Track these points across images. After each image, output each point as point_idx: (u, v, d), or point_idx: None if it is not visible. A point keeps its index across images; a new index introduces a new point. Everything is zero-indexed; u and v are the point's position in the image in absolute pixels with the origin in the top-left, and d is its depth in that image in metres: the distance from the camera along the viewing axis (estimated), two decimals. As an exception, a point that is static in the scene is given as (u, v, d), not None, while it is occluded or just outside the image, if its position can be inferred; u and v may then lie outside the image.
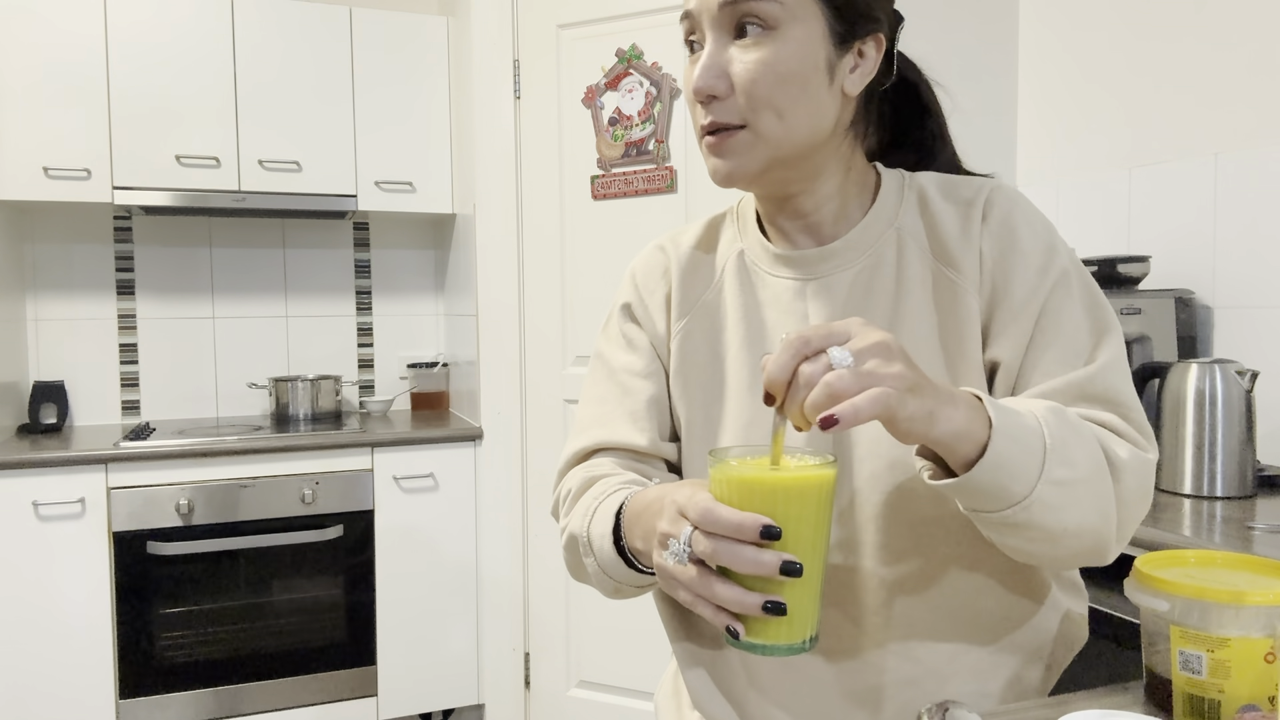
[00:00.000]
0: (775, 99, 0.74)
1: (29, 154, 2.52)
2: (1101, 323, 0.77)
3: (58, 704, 2.33)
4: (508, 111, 2.62)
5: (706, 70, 0.74)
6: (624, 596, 0.81)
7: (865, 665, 0.78)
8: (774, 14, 0.72)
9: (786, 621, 0.58)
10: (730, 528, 0.57)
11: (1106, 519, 0.70)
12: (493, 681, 2.71)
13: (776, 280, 0.82)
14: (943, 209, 0.81)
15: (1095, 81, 2.28)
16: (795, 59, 0.73)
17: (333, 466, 2.56)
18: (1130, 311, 1.91)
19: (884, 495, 0.76)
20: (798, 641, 0.59)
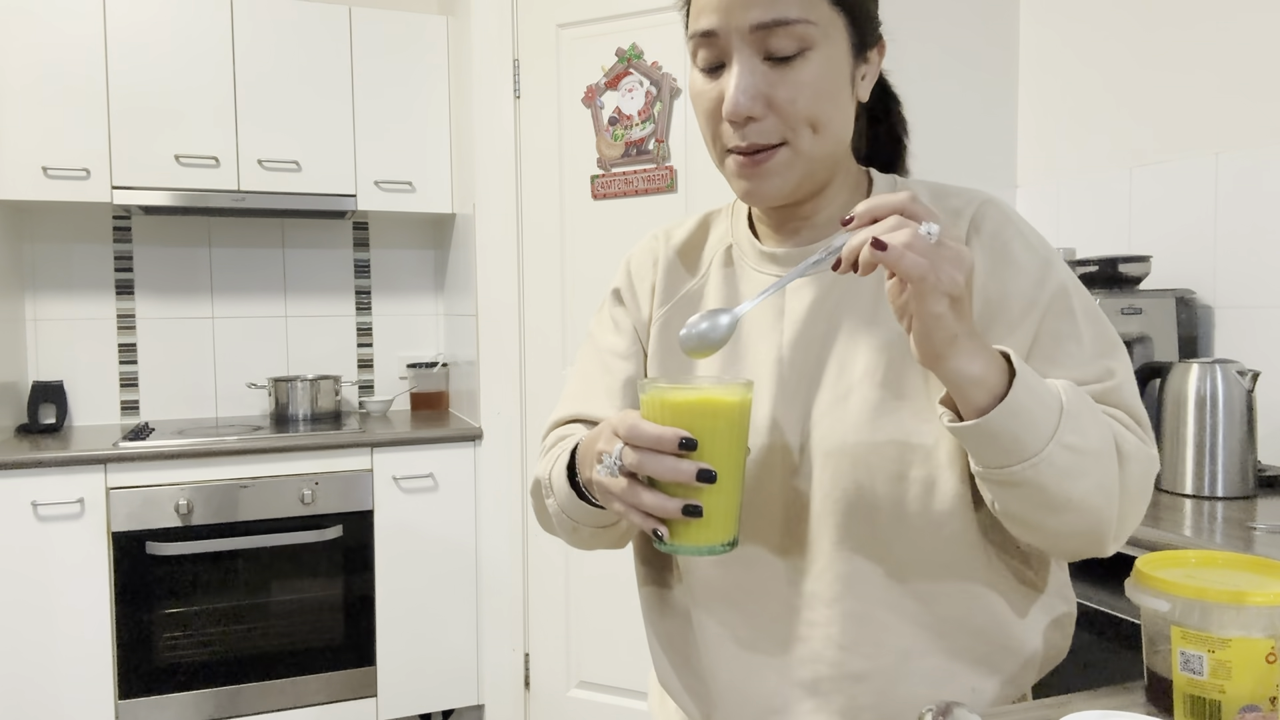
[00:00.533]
0: (815, 116, 0.74)
1: (28, 154, 2.52)
2: (1108, 340, 0.78)
3: (58, 704, 2.33)
4: (508, 111, 2.61)
5: (744, 93, 0.73)
6: (583, 542, 0.84)
7: (816, 656, 0.79)
8: (811, 35, 0.73)
9: (705, 524, 0.65)
10: (652, 440, 0.64)
11: (1110, 501, 0.70)
12: (493, 681, 2.71)
13: (760, 275, 0.84)
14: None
15: (1095, 81, 2.28)
16: (831, 76, 0.74)
17: (332, 466, 2.56)
18: (1131, 311, 1.91)
19: (841, 485, 0.77)
20: (716, 544, 0.66)
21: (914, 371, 0.76)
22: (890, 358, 0.77)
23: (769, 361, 0.81)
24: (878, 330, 0.78)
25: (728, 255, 0.87)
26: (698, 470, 0.63)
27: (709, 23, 0.74)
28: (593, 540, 0.84)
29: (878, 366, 0.77)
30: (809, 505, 0.78)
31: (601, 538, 0.83)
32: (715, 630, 0.83)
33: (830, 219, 0.84)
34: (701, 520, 0.64)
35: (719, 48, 0.75)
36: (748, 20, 0.72)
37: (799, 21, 0.72)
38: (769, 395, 0.80)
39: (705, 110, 0.77)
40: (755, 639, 0.81)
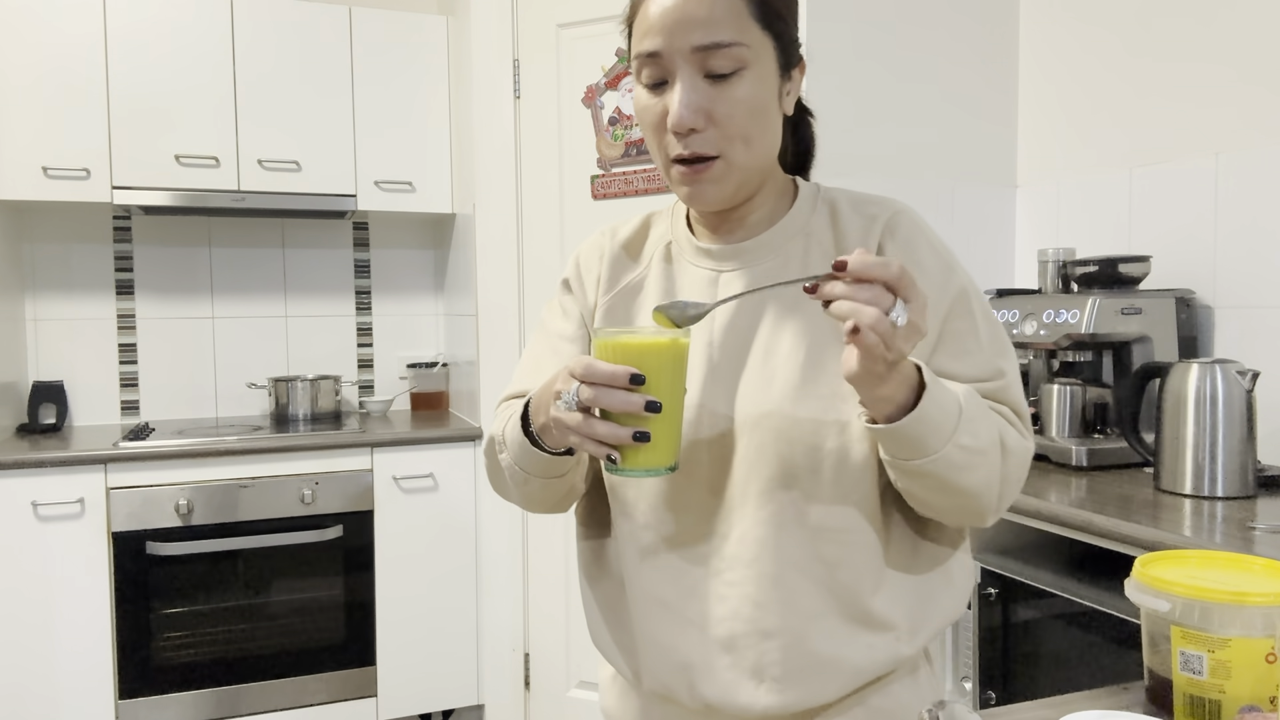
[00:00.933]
0: (747, 130, 0.83)
1: (28, 154, 2.52)
2: (1001, 341, 0.88)
3: (58, 704, 2.33)
4: (508, 111, 2.61)
5: (688, 107, 0.81)
6: (532, 497, 0.90)
7: (733, 615, 0.86)
8: (744, 57, 0.81)
9: (651, 449, 0.74)
10: (606, 376, 0.73)
11: (992, 487, 0.82)
12: (493, 681, 2.71)
13: (696, 269, 0.93)
14: (850, 220, 0.90)
15: (1095, 81, 2.28)
16: (762, 94, 0.83)
17: (332, 466, 2.56)
18: (1130, 311, 1.91)
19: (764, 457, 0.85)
20: (661, 466, 0.76)
21: (831, 356, 0.85)
22: (810, 343, 0.86)
23: (701, 345, 0.89)
24: (799, 319, 0.87)
25: (667, 251, 0.96)
26: (646, 402, 0.73)
27: (653, 44, 0.82)
28: (542, 494, 0.89)
29: (799, 351, 0.86)
30: (733, 476, 0.86)
31: (550, 491, 0.89)
32: (644, 590, 0.90)
33: (759, 220, 0.92)
34: (649, 445, 0.74)
35: (662, 67, 0.83)
36: (689, 42, 0.81)
37: (734, 44, 0.81)
38: (700, 376, 0.88)
39: (651, 123, 0.86)
40: (680, 599, 0.88)
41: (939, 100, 2.42)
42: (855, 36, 2.31)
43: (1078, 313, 1.90)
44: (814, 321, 0.87)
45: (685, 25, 0.81)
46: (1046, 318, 1.96)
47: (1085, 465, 1.86)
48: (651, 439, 0.74)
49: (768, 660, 0.85)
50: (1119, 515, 1.47)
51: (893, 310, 0.68)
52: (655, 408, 0.73)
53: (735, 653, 0.86)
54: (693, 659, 0.88)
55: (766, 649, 0.85)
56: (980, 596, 1.79)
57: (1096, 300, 1.88)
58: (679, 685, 0.89)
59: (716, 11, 0.80)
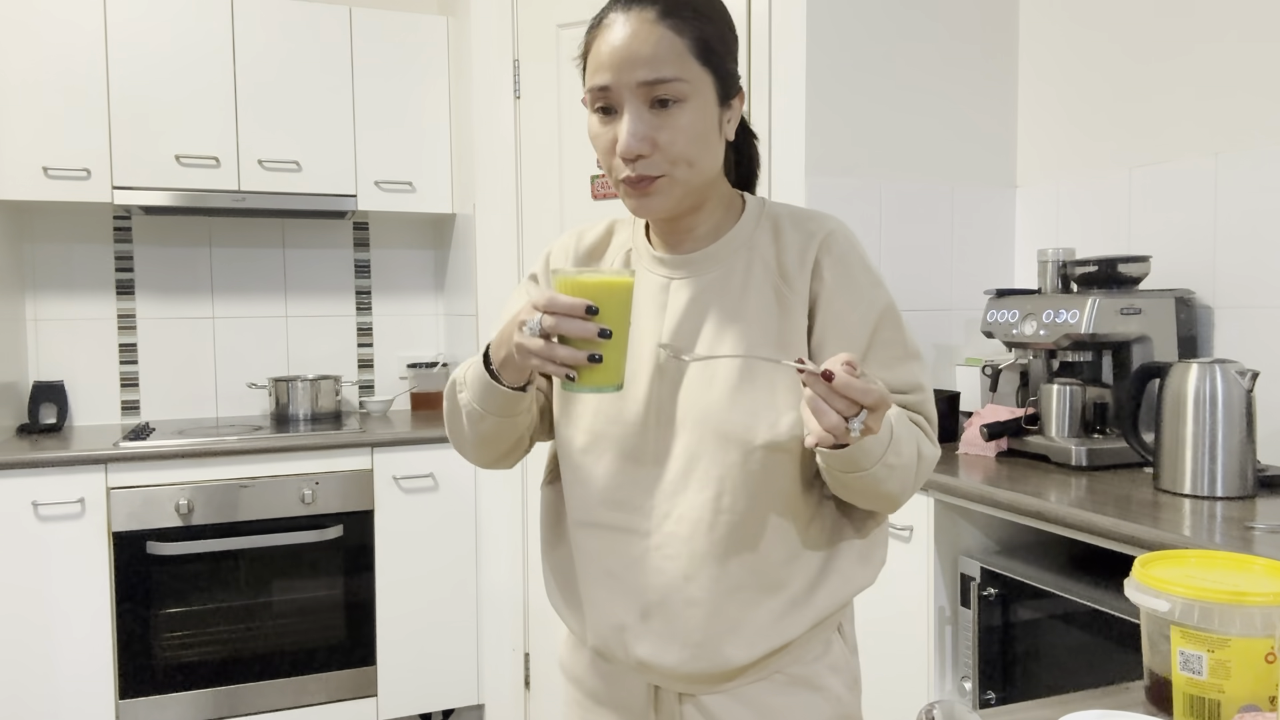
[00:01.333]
0: (689, 154, 0.93)
1: (29, 154, 2.52)
2: (915, 350, 1.01)
3: (58, 703, 2.33)
4: (508, 111, 2.62)
5: (634, 135, 0.92)
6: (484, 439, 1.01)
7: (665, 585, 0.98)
8: (684, 91, 0.92)
9: (603, 369, 0.86)
10: (566, 307, 0.84)
11: (907, 490, 0.95)
12: (493, 681, 2.71)
13: (650, 275, 1.03)
14: (790, 236, 1.00)
15: (1095, 81, 2.28)
16: (702, 122, 0.93)
17: (333, 466, 2.56)
18: (1130, 311, 1.91)
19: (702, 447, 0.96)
20: (610, 385, 0.87)
21: (761, 366, 0.96)
22: (747, 349, 0.97)
23: (650, 345, 1.00)
24: (739, 327, 0.98)
25: (627, 257, 1.07)
26: (599, 329, 0.85)
27: (604, 79, 0.93)
28: (495, 434, 1.01)
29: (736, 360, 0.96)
30: (675, 463, 0.97)
31: (502, 432, 1.01)
32: (591, 558, 1.03)
33: (707, 232, 1.02)
34: (600, 366, 0.86)
35: (611, 98, 0.94)
36: (635, 78, 0.91)
37: (675, 80, 0.91)
38: (648, 373, 0.99)
39: (603, 148, 0.96)
40: (623, 568, 1.00)
41: (939, 101, 2.42)
42: (855, 37, 2.31)
43: (1077, 313, 1.90)
44: (751, 331, 0.97)
45: (631, 62, 0.91)
46: (1046, 318, 1.96)
47: (1085, 465, 1.86)
48: (603, 360, 0.86)
49: (691, 626, 0.97)
50: (1119, 515, 1.47)
51: (853, 421, 0.80)
52: (607, 334, 0.85)
53: (665, 618, 0.98)
54: (628, 621, 1.00)
55: (690, 615, 0.97)
56: (980, 596, 1.79)
57: (1096, 300, 1.88)
58: (616, 644, 1.01)
59: (659, 50, 0.91)
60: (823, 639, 1.02)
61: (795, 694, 0.99)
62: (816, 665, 1.00)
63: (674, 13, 0.92)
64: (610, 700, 1.07)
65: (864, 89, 2.34)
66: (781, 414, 0.94)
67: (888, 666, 2.00)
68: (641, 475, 0.99)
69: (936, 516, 1.86)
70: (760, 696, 0.99)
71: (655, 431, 0.98)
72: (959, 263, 2.47)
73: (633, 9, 0.93)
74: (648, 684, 1.04)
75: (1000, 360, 2.17)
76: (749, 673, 0.99)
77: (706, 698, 1.00)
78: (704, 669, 0.97)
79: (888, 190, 2.38)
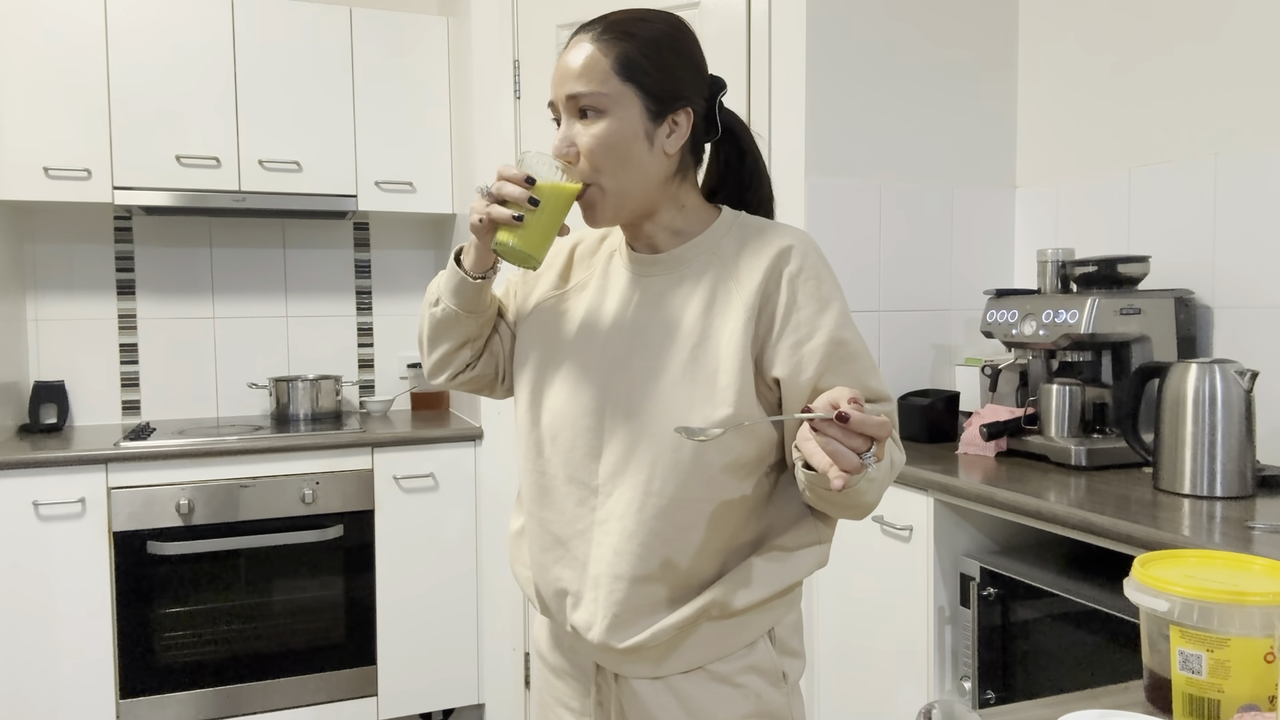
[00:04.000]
0: (608, 163, 1.03)
1: (29, 154, 2.52)
2: (872, 361, 1.06)
3: (59, 703, 2.33)
4: (508, 111, 2.62)
5: (564, 140, 1.05)
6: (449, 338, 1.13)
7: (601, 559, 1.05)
8: (602, 103, 1.02)
9: (523, 233, 1.01)
10: (511, 174, 1.01)
11: (879, 499, 1.00)
12: (493, 681, 2.71)
13: (624, 273, 1.13)
14: (753, 245, 1.07)
15: (1094, 82, 2.29)
16: (618, 133, 1.03)
17: (333, 466, 2.56)
18: (1130, 311, 1.91)
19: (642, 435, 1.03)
20: (528, 251, 1.01)
21: (709, 359, 1.03)
22: (694, 345, 1.04)
23: (611, 335, 1.09)
24: (689, 323, 1.05)
25: (610, 259, 1.16)
26: (529, 197, 0.99)
27: (551, 94, 1.08)
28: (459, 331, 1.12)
29: (684, 350, 1.04)
30: (619, 444, 1.05)
31: (466, 328, 1.12)
32: (542, 533, 1.12)
33: (672, 237, 1.10)
34: (523, 230, 1.00)
35: (556, 112, 1.07)
36: (564, 92, 1.04)
37: (593, 94, 1.02)
38: (601, 362, 1.07)
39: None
40: (569, 536, 1.09)
41: (939, 101, 2.43)
42: (855, 38, 2.32)
43: (1077, 313, 1.90)
44: (700, 327, 1.04)
45: (564, 78, 1.04)
46: (1046, 318, 1.96)
47: (1084, 465, 1.86)
48: (526, 226, 1.00)
49: (614, 599, 1.04)
50: (1118, 515, 1.47)
51: (867, 456, 0.85)
52: (534, 202, 0.99)
53: (598, 589, 1.05)
54: (571, 588, 1.09)
55: (615, 589, 1.04)
56: (980, 596, 1.79)
57: (1095, 300, 1.88)
58: (558, 610, 1.11)
59: (583, 68, 1.03)
60: (746, 640, 1.08)
61: (715, 689, 1.07)
62: (737, 664, 1.07)
63: (605, 34, 1.04)
64: (567, 671, 1.16)
65: (864, 89, 2.34)
66: (718, 408, 1.01)
67: (888, 666, 2.00)
68: (590, 455, 1.07)
69: (936, 516, 1.86)
70: (684, 688, 1.07)
71: (607, 417, 1.06)
72: (959, 263, 2.48)
73: (580, 33, 1.06)
74: (592, 659, 1.12)
75: (1000, 360, 2.17)
76: (670, 662, 1.06)
77: (636, 682, 1.08)
78: (619, 643, 1.04)
79: (888, 190, 2.38)
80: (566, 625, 1.10)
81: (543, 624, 1.22)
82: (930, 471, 1.86)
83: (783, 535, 1.07)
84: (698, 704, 1.06)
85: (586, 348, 1.10)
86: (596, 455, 1.07)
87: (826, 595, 2.19)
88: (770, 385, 1.04)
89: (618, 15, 1.05)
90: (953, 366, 2.47)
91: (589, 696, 1.13)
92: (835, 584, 2.16)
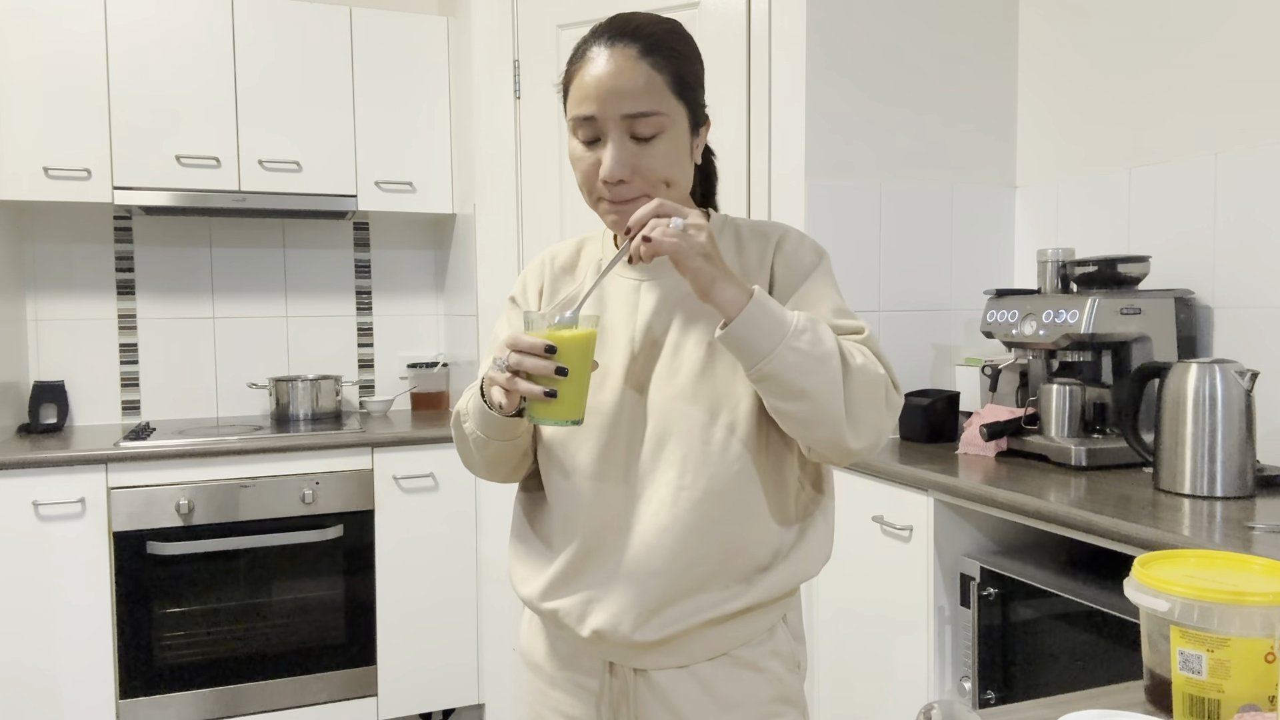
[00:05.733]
0: (668, 176, 1.03)
1: (29, 154, 2.52)
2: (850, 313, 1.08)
3: (58, 703, 2.33)
4: (508, 111, 2.62)
5: (618, 163, 1.01)
6: (491, 459, 1.11)
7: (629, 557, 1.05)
8: (663, 124, 1.01)
9: (560, 404, 0.95)
10: (528, 346, 0.94)
11: (836, 395, 0.96)
12: (493, 681, 2.71)
13: (622, 280, 1.13)
14: (751, 244, 1.11)
15: (1095, 81, 2.28)
16: (678, 149, 1.04)
17: (333, 466, 2.56)
18: (1130, 311, 1.91)
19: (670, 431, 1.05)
20: (569, 419, 0.96)
21: (724, 358, 1.05)
22: (708, 344, 1.05)
23: (624, 342, 1.09)
24: (703, 326, 1.07)
25: (598, 267, 1.16)
26: (556, 367, 0.94)
27: (589, 109, 1.02)
28: (501, 455, 1.10)
29: (700, 349, 1.06)
30: (647, 445, 1.06)
31: (507, 453, 1.11)
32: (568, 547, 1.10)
33: None
34: (557, 401, 0.95)
35: (596, 128, 1.02)
36: (619, 110, 1.00)
37: (655, 113, 1.01)
38: (621, 367, 1.08)
39: (584, 171, 1.05)
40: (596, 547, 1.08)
41: (939, 101, 2.42)
42: (855, 37, 2.32)
43: (1077, 313, 1.90)
44: (712, 325, 1.06)
45: (617, 96, 1.00)
46: (1046, 318, 1.96)
47: (1084, 465, 1.86)
48: (559, 396, 0.95)
49: (649, 595, 1.04)
50: (1118, 515, 1.47)
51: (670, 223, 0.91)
52: (563, 371, 0.94)
53: (628, 586, 1.05)
54: (595, 596, 1.07)
55: (650, 584, 1.04)
56: (980, 596, 1.79)
57: (1096, 300, 1.88)
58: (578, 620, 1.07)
59: (640, 85, 1.00)
60: (767, 626, 1.09)
61: (740, 674, 1.07)
62: (760, 649, 1.08)
63: (655, 51, 1.02)
64: (566, 683, 1.14)
65: (864, 89, 2.34)
66: (740, 400, 1.04)
67: (888, 666, 2.00)
68: (619, 460, 1.07)
69: (936, 516, 1.86)
70: (708, 674, 1.07)
71: (630, 419, 1.07)
72: (959, 263, 2.48)
73: (616, 45, 1.02)
74: (603, 660, 1.11)
75: (1000, 360, 2.17)
76: (696, 650, 1.06)
77: (658, 674, 1.07)
78: (653, 638, 1.04)
79: (888, 190, 2.38)
80: (583, 632, 1.08)
81: (535, 634, 1.19)
82: (930, 471, 1.86)
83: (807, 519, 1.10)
84: (724, 690, 1.07)
85: (603, 360, 1.09)
86: (624, 459, 1.07)
87: (826, 595, 2.19)
88: None
89: (652, 28, 1.04)
90: (953, 366, 2.47)
91: (594, 700, 1.12)
92: (835, 584, 2.16)
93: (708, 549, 1.04)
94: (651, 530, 1.05)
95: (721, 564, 1.05)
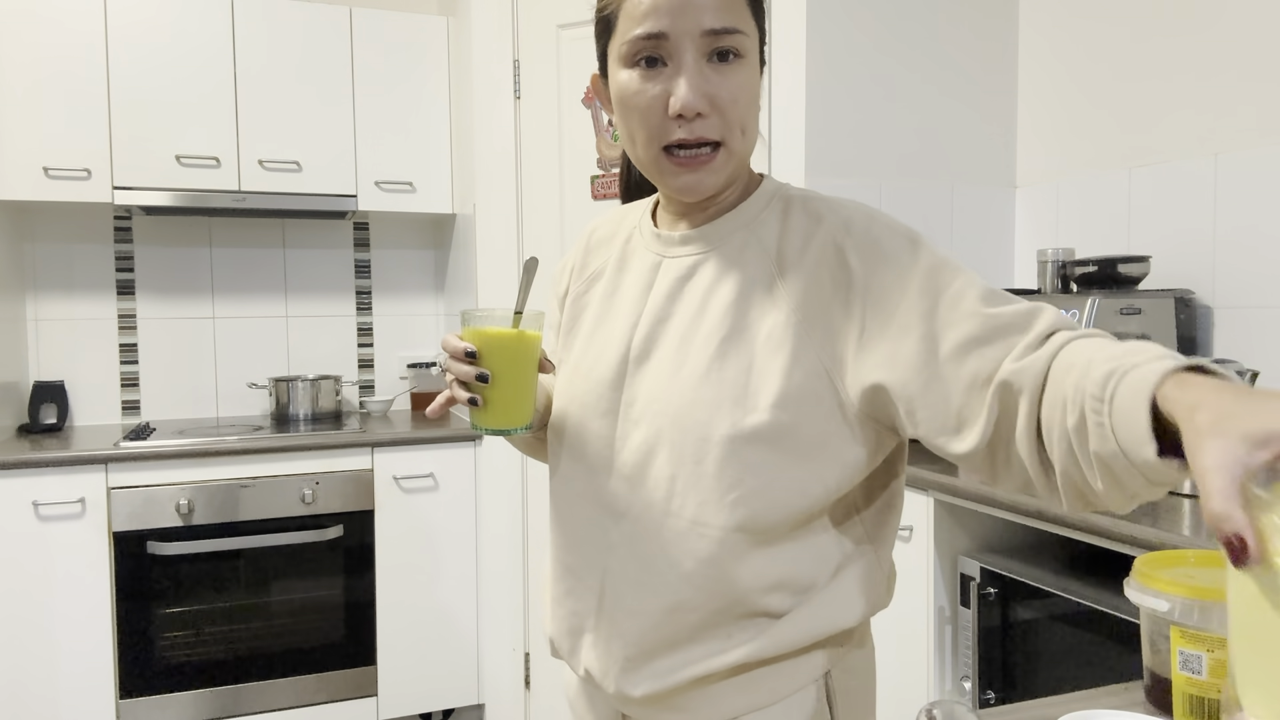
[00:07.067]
0: (745, 118, 0.84)
1: (29, 154, 2.52)
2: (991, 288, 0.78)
3: (58, 703, 2.33)
4: (508, 111, 2.62)
5: (695, 90, 0.80)
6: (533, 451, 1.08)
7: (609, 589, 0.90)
8: (745, 45, 0.82)
9: (487, 412, 0.88)
10: (450, 349, 0.87)
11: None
12: (493, 681, 2.71)
13: (645, 254, 0.96)
14: (797, 219, 0.87)
15: (1095, 81, 2.28)
16: (755, 83, 0.85)
17: (333, 466, 2.56)
18: (1130, 311, 1.91)
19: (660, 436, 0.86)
20: (499, 428, 0.88)
21: (738, 357, 0.84)
22: (722, 340, 0.85)
23: (627, 327, 0.92)
24: (719, 316, 0.86)
25: (629, 238, 1.00)
26: (477, 373, 0.85)
27: (658, 25, 0.80)
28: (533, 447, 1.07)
29: (709, 345, 0.86)
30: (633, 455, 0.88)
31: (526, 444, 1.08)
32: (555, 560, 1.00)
33: (721, 209, 0.91)
34: (486, 408, 0.87)
35: (664, 48, 0.81)
36: (700, 25, 0.80)
37: (739, 32, 0.81)
38: (618, 355, 0.92)
39: (645, 106, 0.83)
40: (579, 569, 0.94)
41: (939, 101, 2.42)
42: (855, 37, 2.32)
43: (1077, 313, 1.90)
44: (731, 317, 0.86)
45: (695, 8, 0.80)
46: (1046, 318, 1.96)
47: (1085, 465, 1.86)
48: (486, 404, 0.87)
49: (628, 639, 0.88)
50: (1118, 515, 1.47)
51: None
52: (484, 378, 0.86)
53: (609, 626, 0.90)
54: (583, 626, 0.94)
55: (629, 627, 0.88)
56: (980, 596, 1.79)
57: (1096, 300, 1.88)
58: (571, 651, 0.95)
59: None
60: (791, 689, 0.86)
61: None
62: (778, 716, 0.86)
63: None
64: None
65: (864, 89, 2.34)
66: (749, 413, 0.81)
67: (888, 666, 2.00)
68: (603, 468, 0.90)
69: (936, 516, 1.86)
70: None
71: (620, 421, 0.89)
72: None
73: None
74: (616, 710, 0.95)
75: (1000, 360, 2.17)
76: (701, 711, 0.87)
77: None
78: (635, 690, 0.87)
79: (888, 190, 2.38)
80: (580, 669, 0.93)
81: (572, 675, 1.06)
82: (930, 471, 1.86)
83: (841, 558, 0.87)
84: None
85: (601, 344, 0.94)
86: (610, 468, 0.90)
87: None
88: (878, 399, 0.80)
89: None
90: (953, 366, 2.47)
91: None
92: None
93: (693, 591, 0.84)
94: (633, 562, 0.87)
95: (717, 611, 0.84)
